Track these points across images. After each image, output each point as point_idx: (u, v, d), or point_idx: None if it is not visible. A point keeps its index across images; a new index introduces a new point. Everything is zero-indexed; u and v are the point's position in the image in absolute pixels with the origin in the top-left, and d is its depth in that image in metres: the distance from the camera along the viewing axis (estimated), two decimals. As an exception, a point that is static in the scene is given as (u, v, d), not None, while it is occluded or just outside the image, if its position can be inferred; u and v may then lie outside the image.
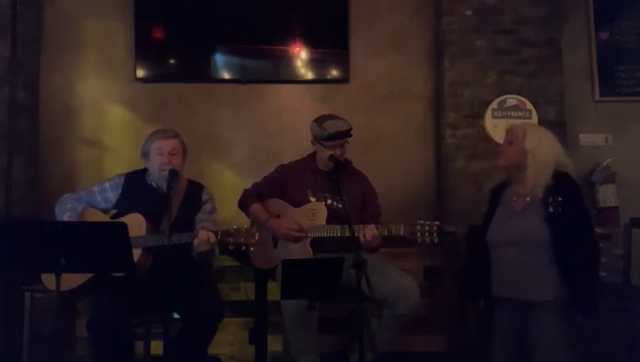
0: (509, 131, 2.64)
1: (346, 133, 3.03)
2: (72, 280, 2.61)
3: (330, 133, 2.99)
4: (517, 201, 2.55)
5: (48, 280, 2.69)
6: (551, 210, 2.40)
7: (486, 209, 2.70)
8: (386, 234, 2.80)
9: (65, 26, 4.07)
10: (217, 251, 2.79)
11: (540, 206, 2.44)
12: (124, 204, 2.84)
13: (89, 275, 2.68)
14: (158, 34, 4.07)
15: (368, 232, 2.78)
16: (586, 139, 4.14)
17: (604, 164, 4.00)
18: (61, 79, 4.06)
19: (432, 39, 4.17)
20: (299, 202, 3.03)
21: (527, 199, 2.49)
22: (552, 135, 2.59)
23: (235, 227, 2.64)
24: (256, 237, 2.61)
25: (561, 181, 2.45)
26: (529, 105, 3.89)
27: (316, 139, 3.07)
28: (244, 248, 2.62)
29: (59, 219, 2.79)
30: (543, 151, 2.49)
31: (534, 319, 2.42)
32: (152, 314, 2.75)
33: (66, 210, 2.82)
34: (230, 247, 2.62)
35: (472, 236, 3.07)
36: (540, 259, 2.42)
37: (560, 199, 2.39)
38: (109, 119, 4.09)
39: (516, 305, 2.48)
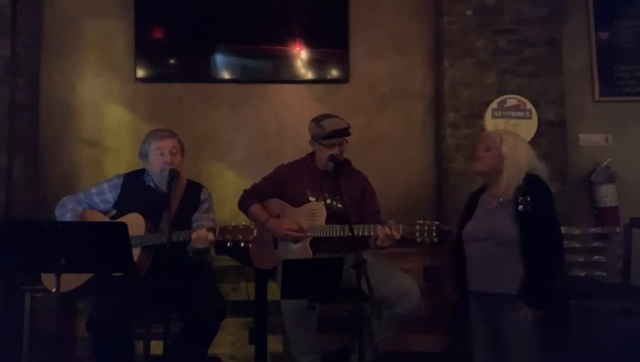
0: (486, 138, 2.80)
1: (345, 131, 3.03)
2: (72, 281, 2.61)
3: (329, 132, 2.99)
4: (491, 202, 2.71)
5: (48, 280, 2.69)
6: (520, 208, 2.55)
7: (464, 208, 2.86)
8: (400, 234, 2.76)
9: (65, 26, 4.08)
10: (212, 251, 2.79)
11: (511, 205, 2.60)
12: (124, 205, 2.84)
13: (89, 276, 2.68)
14: (158, 34, 4.07)
15: (380, 231, 2.75)
16: (586, 139, 4.14)
17: (604, 164, 4.00)
18: (61, 79, 4.06)
19: (432, 39, 4.17)
20: (298, 202, 3.03)
21: (500, 199, 2.65)
22: (525, 141, 2.80)
23: (232, 224, 2.64)
24: (255, 234, 2.61)
25: (530, 182, 2.60)
26: (529, 105, 3.89)
27: (315, 139, 3.07)
28: (242, 245, 2.62)
29: (59, 220, 2.79)
30: (519, 156, 2.65)
31: (506, 311, 2.55)
32: (152, 314, 2.76)
33: (67, 211, 2.82)
34: (228, 244, 2.61)
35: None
36: (509, 253, 2.56)
37: (529, 199, 2.54)
38: (109, 119, 4.09)
39: (489, 298, 2.61)
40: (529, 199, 2.53)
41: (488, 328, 2.66)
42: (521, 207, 2.54)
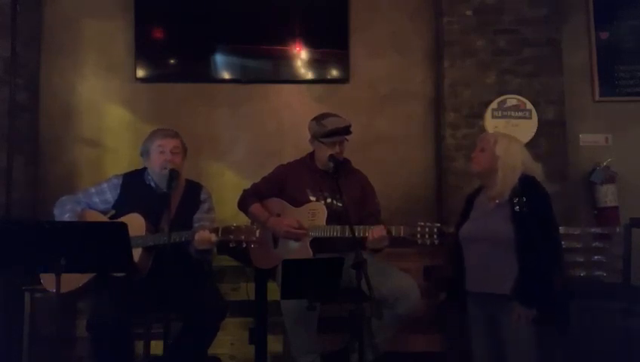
0: (481, 139, 2.83)
1: (346, 130, 3.03)
2: (72, 282, 2.61)
3: (331, 130, 2.99)
4: (488, 203, 2.72)
5: (48, 280, 2.69)
6: (516, 209, 2.56)
7: (461, 211, 2.88)
8: (393, 234, 2.78)
9: (65, 26, 4.07)
10: (215, 250, 2.80)
11: (507, 206, 2.61)
12: (123, 205, 2.84)
13: (89, 277, 2.68)
14: (158, 34, 4.07)
15: (376, 232, 2.76)
16: (586, 139, 4.14)
17: (604, 164, 4.00)
18: (61, 79, 4.06)
19: (432, 39, 4.17)
20: (299, 202, 3.03)
21: (497, 201, 2.67)
22: (520, 142, 2.83)
23: (235, 224, 2.64)
24: (257, 234, 2.62)
25: (526, 183, 2.62)
26: (529, 105, 3.89)
27: (315, 137, 3.07)
28: (244, 245, 2.63)
29: (58, 220, 2.79)
30: (512, 156, 2.66)
31: (505, 311, 2.56)
32: (152, 314, 2.76)
33: (66, 211, 2.82)
34: (231, 244, 2.62)
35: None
36: (505, 254, 2.57)
37: (525, 200, 2.55)
38: (109, 119, 4.08)
39: (487, 298, 2.63)
40: (525, 200, 2.55)
41: (487, 328, 2.67)
42: (517, 207, 2.55)
